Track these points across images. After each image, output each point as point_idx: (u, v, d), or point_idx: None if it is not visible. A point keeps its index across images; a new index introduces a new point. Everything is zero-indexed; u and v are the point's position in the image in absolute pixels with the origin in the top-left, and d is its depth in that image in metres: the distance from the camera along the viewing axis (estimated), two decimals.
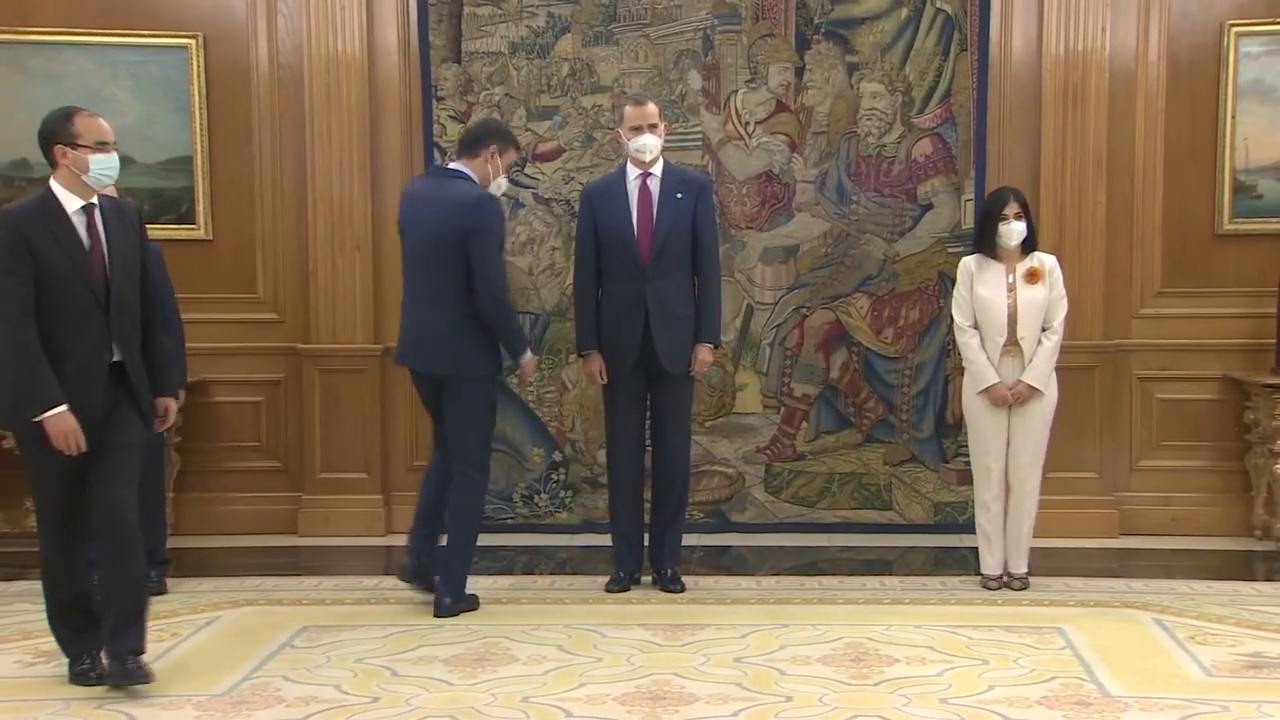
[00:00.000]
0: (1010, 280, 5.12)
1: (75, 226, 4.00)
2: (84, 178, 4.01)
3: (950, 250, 6.08)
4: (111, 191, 4.36)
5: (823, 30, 6.11)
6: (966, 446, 6.00)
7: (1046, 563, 5.44)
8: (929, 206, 6.14)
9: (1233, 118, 6.10)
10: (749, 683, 4.11)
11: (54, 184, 4.02)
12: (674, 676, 4.18)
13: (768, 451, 6.25)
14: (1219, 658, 4.36)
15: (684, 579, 5.27)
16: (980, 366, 5.14)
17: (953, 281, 6.02)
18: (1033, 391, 5.08)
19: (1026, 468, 5.17)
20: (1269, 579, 5.51)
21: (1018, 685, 4.09)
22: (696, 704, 3.93)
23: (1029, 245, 5.16)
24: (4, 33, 6.15)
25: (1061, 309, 5.15)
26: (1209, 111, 6.14)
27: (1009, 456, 5.18)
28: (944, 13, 6.07)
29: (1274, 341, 5.96)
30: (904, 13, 6.07)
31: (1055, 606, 4.99)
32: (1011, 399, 5.10)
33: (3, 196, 6.20)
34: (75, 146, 3.99)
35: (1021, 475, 5.18)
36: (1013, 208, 5.10)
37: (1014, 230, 5.08)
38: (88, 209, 4.03)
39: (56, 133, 4.02)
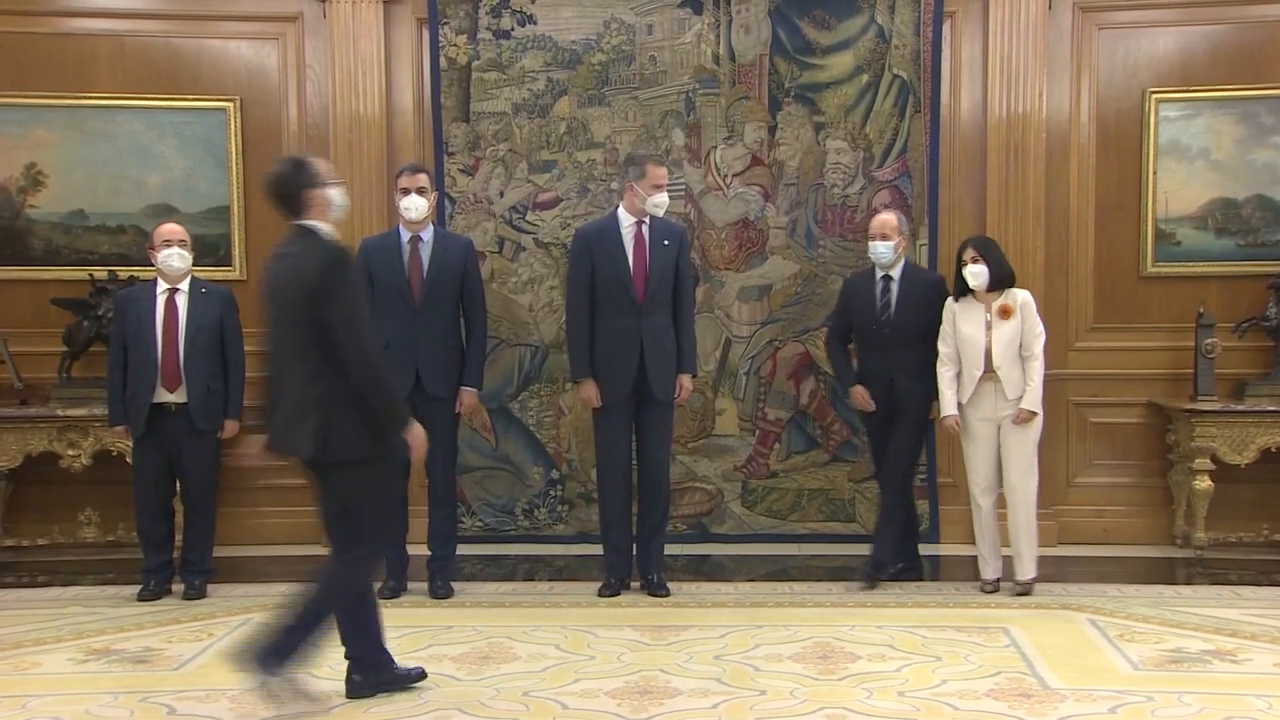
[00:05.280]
0: (988, 318, 5.17)
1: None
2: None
3: None
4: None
5: (792, 94, 6.20)
6: (924, 465, 6.05)
7: None
8: None
9: (1154, 173, 6.19)
10: (727, 678, 4.14)
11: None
12: (659, 672, 4.20)
13: (744, 470, 6.29)
14: (1145, 654, 4.40)
15: (669, 585, 5.29)
16: (945, 399, 5.20)
17: None
18: (1032, 415, 5.11)
19: (1017, 481, 5.16)
20: (1189, 583, 5.57)
21: (967, 679, 4.12)
22: (680, 697, 3.96)
23: (1004, 284, 5.18)
24: (67, 98, 6.24)
25: (1039, 338, 5.14)
26: (1134, 168, 6.23)
27: (1002, 472, 5.19)
28: (900, 78, 6.16)
29: (1192, 371, 6.03)
30: (865, 78, 6.17)
31: (1001, 609, 5.03)
32: (956, 428, 5.21)
33: (62, 243, 6.29)
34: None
35: (1014, 489, 5.17)
36: (969, 253, 5.16)
37: (971, 273, 5.15)
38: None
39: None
